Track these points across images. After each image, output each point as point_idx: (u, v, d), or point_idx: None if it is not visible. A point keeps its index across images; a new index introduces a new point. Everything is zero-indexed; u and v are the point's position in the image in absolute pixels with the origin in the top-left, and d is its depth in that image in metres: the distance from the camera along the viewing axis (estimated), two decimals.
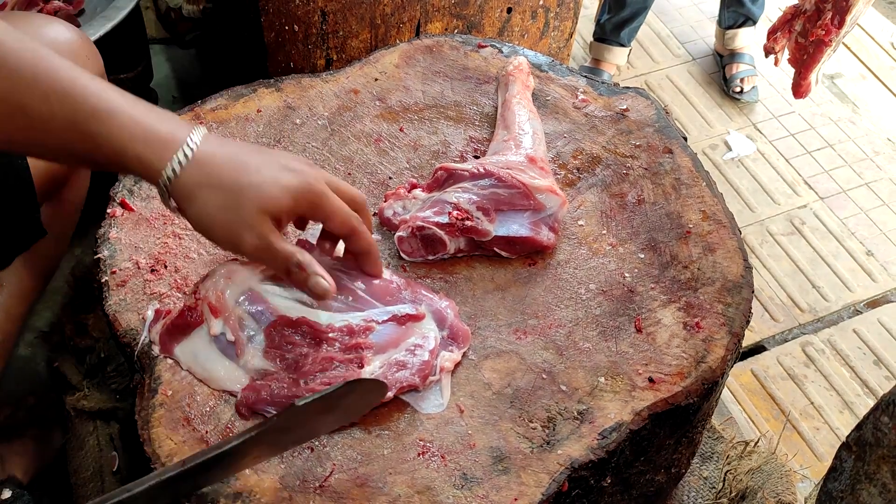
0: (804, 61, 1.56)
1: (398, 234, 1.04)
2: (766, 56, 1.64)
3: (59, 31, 1.13)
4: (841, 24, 1.46)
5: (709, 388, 0.94)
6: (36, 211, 1.10)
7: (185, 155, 0.78)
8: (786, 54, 1.62)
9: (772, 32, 1.60)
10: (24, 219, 1.09)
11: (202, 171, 0.79)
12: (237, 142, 0.83)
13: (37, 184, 1.08)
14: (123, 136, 0.76)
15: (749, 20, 2.48)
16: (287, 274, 0.84)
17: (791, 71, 1.62)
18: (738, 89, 2.46)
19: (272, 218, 0.81)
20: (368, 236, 0.90)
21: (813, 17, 1.50)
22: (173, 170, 0.78)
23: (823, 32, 1.49)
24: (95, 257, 1.03)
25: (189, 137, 0.79)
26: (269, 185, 0.80)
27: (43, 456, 1.35)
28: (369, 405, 0.86)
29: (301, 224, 0.93)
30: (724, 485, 1.32)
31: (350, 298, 0.92)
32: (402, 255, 1.04)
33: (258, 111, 1.20)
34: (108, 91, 0.78)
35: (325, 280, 0.84)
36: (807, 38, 1.52)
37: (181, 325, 0.92)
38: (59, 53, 1.08)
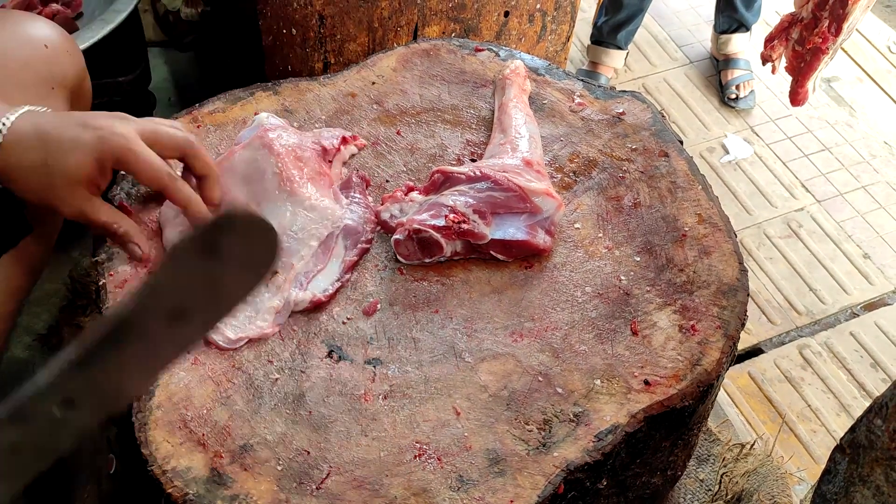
0: (801, 69, 1.56)
1: (395, 237, 1.04)
2: (764, 64, 1.64)
3: (40, 27, 1.15)
4: (838, 32, 1.46)
5: (704, 391, 0.94)
6: (21, 206, 1.11)
7: None
8: (783, 62, 1.62)
9: (769, 40, 1.60)
10: (9, 215, 1.09)
11: (14, 154, 0.85)
12: (46, 113, 0.90)
13: None
14: None
15: (742, 26, 2.48)
16: (108, 238, 0.94)
17: (788, 77, 1.62)
18: (733, 96, 2.47)
19: (86, 184, 0.86)
20: (184, 189, 0.91)
21: (810, 24, 1.50)
22: None
23: (820, 40, 1.48)
24: (93, 260, 1.03)
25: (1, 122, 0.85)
26: (70, 153, 0.85)
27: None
28: (269, 256, 0.84)
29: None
30: (720, 487, 1.32)
31: None
32: (399, 257, 1.05)
33: (256, 115, 1.20)
34: None
35: (139, 248, 0.94)
36: (804, 46, 1.52)
37: None
38: (39, 50, 1.11)
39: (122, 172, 1.11)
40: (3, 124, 0.85)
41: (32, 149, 0.86)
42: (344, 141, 1.13)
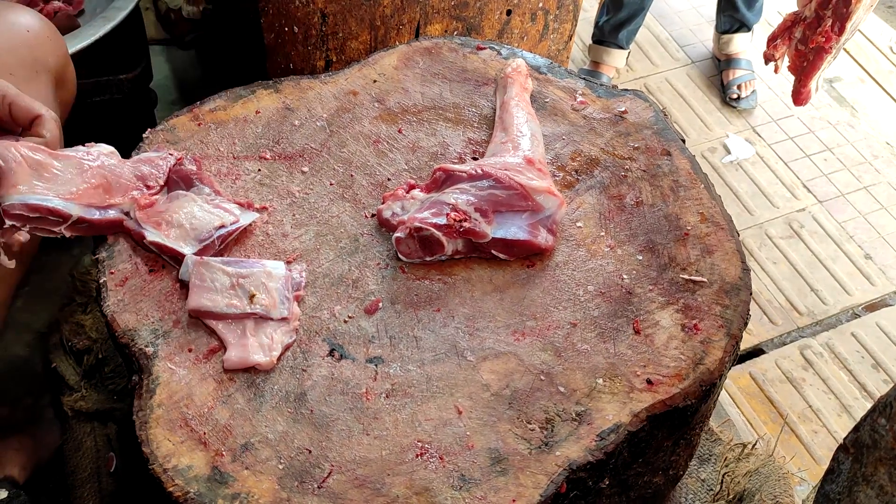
0: (804, 69, 1.55)
1: (396, 235, 1.04)
2: (766, 63, 1.63)
3: (21, 15, 1.16)
4: (841, 31, 1.45)
5: (707, 390, 0.94)
6: None
7: None
8: (786, 61, 1.61)
9: (771, 39, 1.59)
10: None
11: None
12: None
13: None
14: None
15: (744, 26, 2.48)
16: None
17: (791, 76, 1.62)
18: (734, 96, 2.47)
19: None
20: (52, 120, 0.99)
21: (813, 24, 1.49)
22: None
23: (824, 39, 1.47)
24: (94, 258, 1.03)
25: None
26: None
27: (40, 456, 1.35)
28: None
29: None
30: (721, 487, 1.32)
31: None
32: (400, 256, 1.04)
33: (257, 112, 1.20)
34: None
35: None
36: (807, 45, 1.51)
37: None
38: (21, 35, 1.14)
39: None
40: None
41: None
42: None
